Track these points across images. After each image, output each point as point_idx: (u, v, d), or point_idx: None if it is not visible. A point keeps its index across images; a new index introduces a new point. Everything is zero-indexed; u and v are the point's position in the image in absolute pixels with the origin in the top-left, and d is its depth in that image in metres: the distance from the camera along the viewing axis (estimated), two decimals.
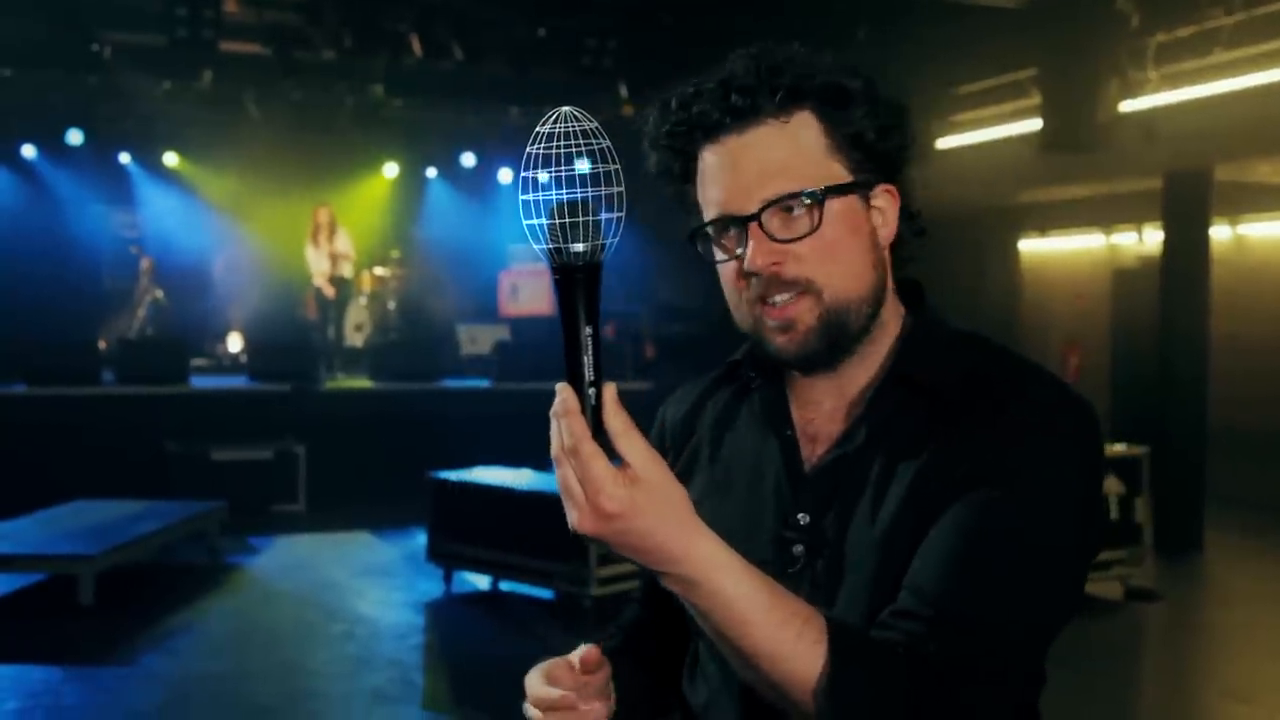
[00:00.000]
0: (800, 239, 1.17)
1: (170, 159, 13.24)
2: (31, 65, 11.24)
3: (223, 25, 9.48)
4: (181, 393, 9.57)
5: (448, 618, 6.49)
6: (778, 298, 1.18)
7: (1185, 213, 8.55)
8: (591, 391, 0.99)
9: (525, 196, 1.01)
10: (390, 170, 14.09)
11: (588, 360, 1.00)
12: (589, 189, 1.01)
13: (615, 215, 1.01)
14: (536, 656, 1.24)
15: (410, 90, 12.33)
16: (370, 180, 14.16)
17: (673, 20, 10.13)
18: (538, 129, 1.02)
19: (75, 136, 12.38)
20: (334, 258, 12.31)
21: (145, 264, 12.67)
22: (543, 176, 1.01)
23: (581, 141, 1.01)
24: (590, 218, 1.00)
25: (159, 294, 12.58)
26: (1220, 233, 9.81)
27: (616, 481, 0.98)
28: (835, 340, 1.20)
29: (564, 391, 0.99)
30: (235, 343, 12.38)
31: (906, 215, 1.25)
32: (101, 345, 10.72)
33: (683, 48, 10.81)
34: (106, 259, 13.23)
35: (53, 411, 8.92)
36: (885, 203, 1.23)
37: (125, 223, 13.42)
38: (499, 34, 10.43)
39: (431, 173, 14.43)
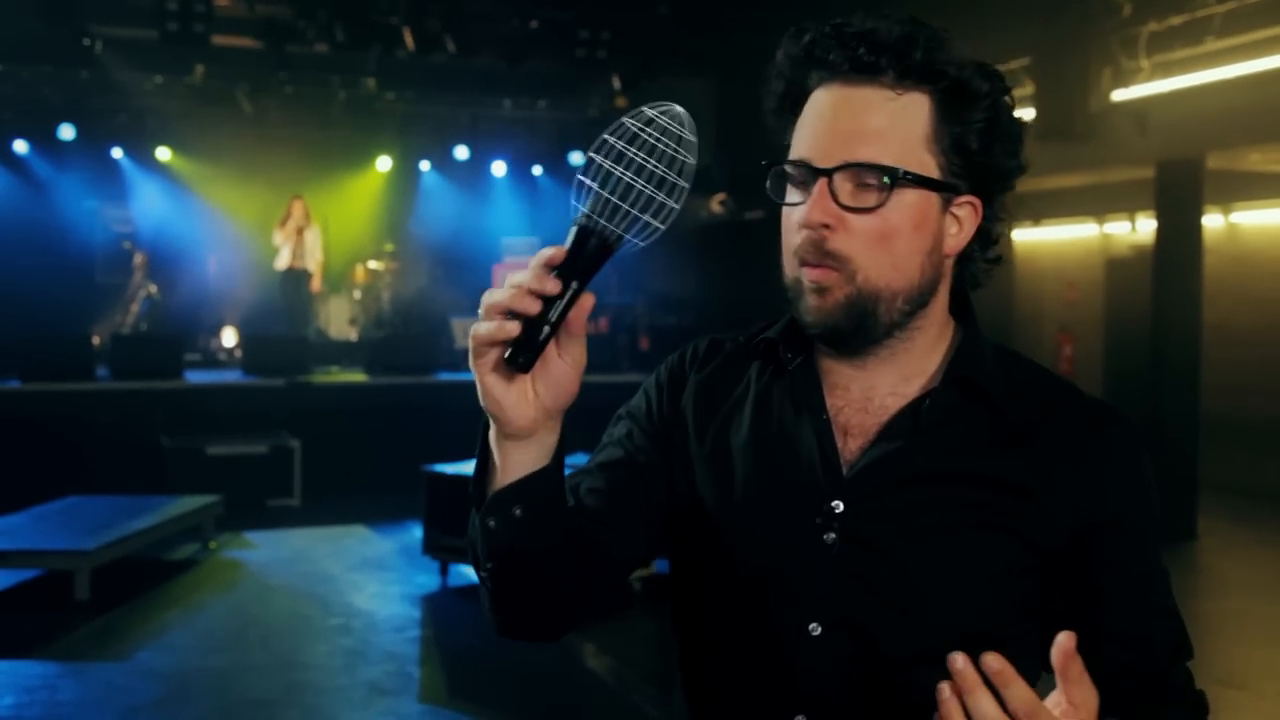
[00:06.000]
0: (859, 211, 1.14)
1: (163, 153, 13.22)
2: (23, 60, 11.23)
3: (214, 19, 9.46)
4: (176, 388, 9.56)
5: (444, 611, 6.49)
6: (814, 262, 1.16)
7: (1177, 201, 8.56)
8: (546, 329, 1.05)
9: (594, 155, 1.04)
10: (383, 163, 14.08)
11: (560, 304, 1.05)
12: (651, 186, 1.02)
13: (656, 223, 1.03)
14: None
15: (403, 83, 12.32)
16: (363, 173, 14.15)
17: (666, 11, 10.11)
18: (645, 109, 1.04)
19: (67, 131, 12.36)
20: (297, 249, 12.15)
21: (139, 259, 12.65)
22: (599, 155, 1.04)
23: (675, 146, 1.03)
24: (632, 211, 1.02)
25: (153, 289, 12.56)
26: (1213, 221, 9.82)
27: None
28: (860, 325, 1.17)
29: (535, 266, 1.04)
30: (229, 337, 12.35)
31: (985, 236, 1.22)
32: (95, 341, 10.71)
33: (676, 39, 10.80)
34: (100, 254, 13.21)
35: (47, 407, 8.89)
36: (966, 214, 1.19)
37: (118, 218, 13.40)
38: (491, 27, 10.42)
39: (425, 166, 14.42)
